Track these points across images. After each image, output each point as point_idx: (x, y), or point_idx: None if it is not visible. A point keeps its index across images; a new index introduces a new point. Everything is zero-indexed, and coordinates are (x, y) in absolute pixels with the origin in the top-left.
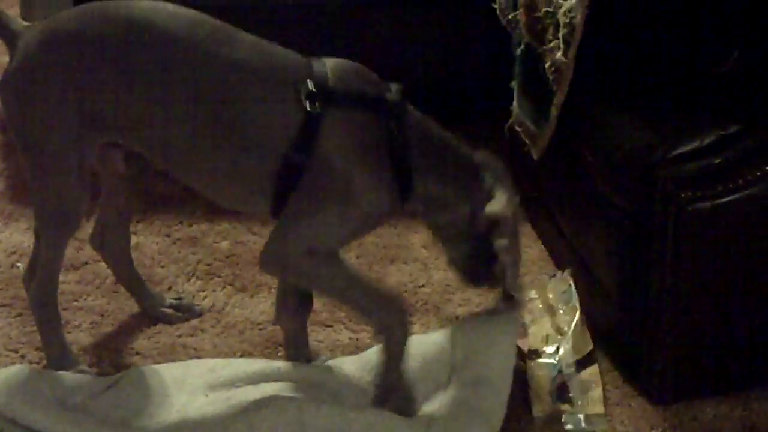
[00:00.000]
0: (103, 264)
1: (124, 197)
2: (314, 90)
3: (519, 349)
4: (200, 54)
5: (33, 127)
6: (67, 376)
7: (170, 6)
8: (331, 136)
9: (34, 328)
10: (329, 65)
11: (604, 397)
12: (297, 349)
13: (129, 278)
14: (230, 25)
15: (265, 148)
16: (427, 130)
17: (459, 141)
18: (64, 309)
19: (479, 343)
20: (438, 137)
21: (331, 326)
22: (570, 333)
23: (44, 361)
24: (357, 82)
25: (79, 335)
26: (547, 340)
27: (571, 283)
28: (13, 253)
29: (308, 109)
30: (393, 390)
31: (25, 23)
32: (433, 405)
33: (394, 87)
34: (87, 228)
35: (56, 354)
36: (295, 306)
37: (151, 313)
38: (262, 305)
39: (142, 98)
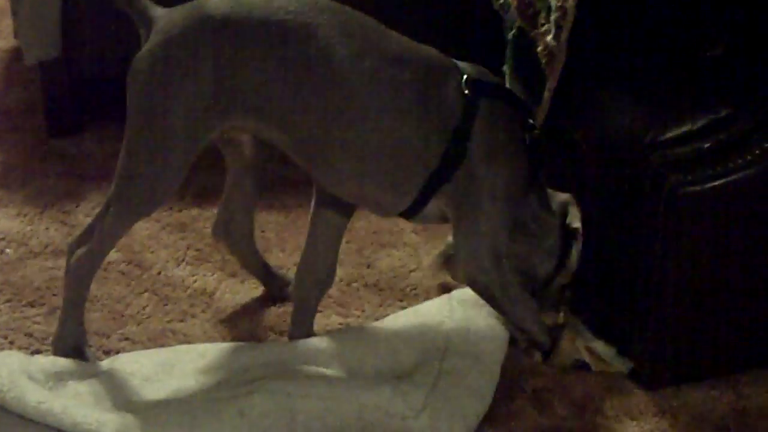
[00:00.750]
0: None
1: (251, 185)
2: (471, 80)
3: None
4: (358, 50)
5: (161, 105)
6: (58, 361)
7: (324, 0)
8: (484, 125)
9: (25, 314)
10: (465, 63)
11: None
12: (302, 325)
13: (256, 265)
14: (378, 22)
15: (426, 139)
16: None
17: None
18: (54, 295)
19: (474, 315)
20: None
21: (321, 311)
22: None
23: (32, 347)
24: (493, 79)
25: None
26: None
27: None
28: (2, 239)
29: (468, 95)
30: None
31: (160, 9)
32: (428, 375)
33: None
34: (76, 214)
35: (72, 330)
36: (317, 278)
37: (277, 296)
38: (253, 291)
39: (295, 88)
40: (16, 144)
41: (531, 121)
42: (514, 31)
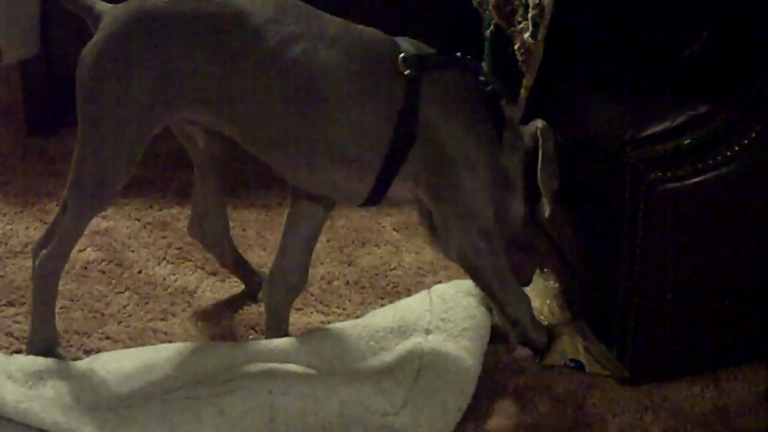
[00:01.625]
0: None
1: (215, 181)
2: (408, 57)
3: None
4: (294, 34)
5: (106, 98)
6: (38, 360)
7: None
8: (432, 100)
9: (4, 313)
10: (403, 40)
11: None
12: (278, 330)
13: (233, 262)
14: (316, 9)
15: (370, 125)
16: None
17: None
18: None
19: (454, 309)
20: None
21: (302, 309)
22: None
23: (13, 346)
24: (433, 50)
25: None
26: None
27: None
28: None
29: (408, 73)
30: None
31: (106, 4)
32: (409, 371)
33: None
34: (54, 212)
35: (43, 330)
36: (289, 283)
37: (257, 294)
38: (234, 289)
39: (233, 76)
40: None
41: (483, 78)
42: (491, 28)
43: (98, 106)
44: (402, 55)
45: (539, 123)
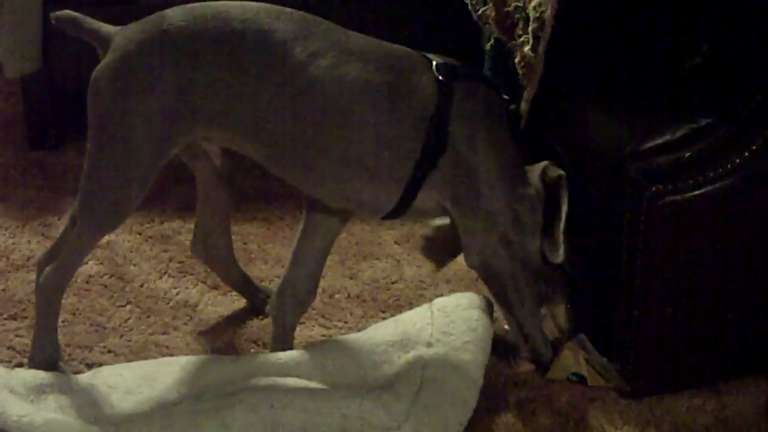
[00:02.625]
0: None
1: (221, 199)
2: (440, 64)
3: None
4: (320, 52)
5: (121, 119)
6: (39, 374)
7: (277, 6)
8: (460, 108)
9: (6, 327)
10: (429, 55)
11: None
12: (284, 343)
13: (237, 279)
14: (339, 26)
15: (400, 134)
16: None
17: None
18: None
19: (455, 322)
20: None
21: (304, 323)
22: None
23: (15, 360)
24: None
25: None
26: None
27: None
28: None
29: (441, 80)
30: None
31: (113, 27)
32: (411, 385)
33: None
34: (58, 227)
35: (46, 345)
36: (299, 296)
37: (260, 308)
38: (236, 303)
39: (258, 94)
40: None
41: (506, 96)
42: (491, 42)
43: (114, 127)
44: (435, 63)
45: (551, 169)
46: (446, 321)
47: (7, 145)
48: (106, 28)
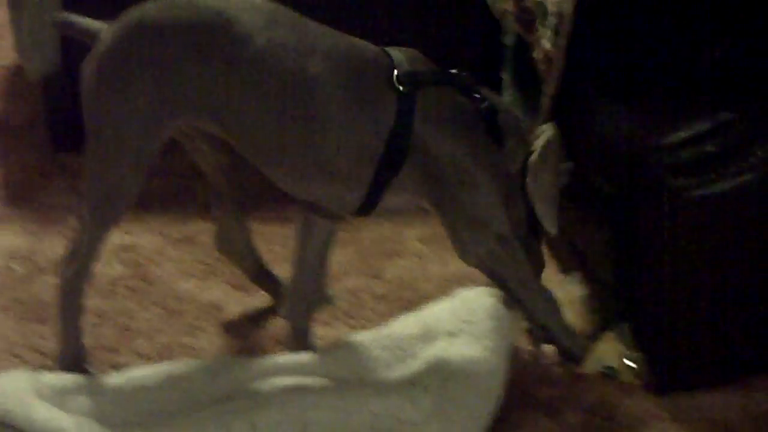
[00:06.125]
0: (99, 265)
1: (230, 192)
2: (403, 73)
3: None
4: (285, 44)
5: (108, 110)
6: (66, 377)
7: None
8: (427, 116)
9: (33, 330)
10: (399, 52)
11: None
12: (300, 344)
13: (260, 275)
14: (309, 18)
15: (360, 139)
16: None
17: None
18: None
19: (478, 312)
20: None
21: (329, 323)
22: None
23: (42, 363)
24: (428, 65)
25: None
26: None
27: None
28: (9, 255)
29: (402, 90)
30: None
31: (102, 23)
32: (436, 378)
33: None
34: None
35: (71, 346)
36: (307, 296)
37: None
38: (261, 302)
39: (226, 82)
40: (20, 160)
41: (477, 95)
42: (512, 38)
43: (100, 118)
44: (396, 72)
45: (546, 128)
46: (468, 310)
47: (30, 147)
48: (96, 24)
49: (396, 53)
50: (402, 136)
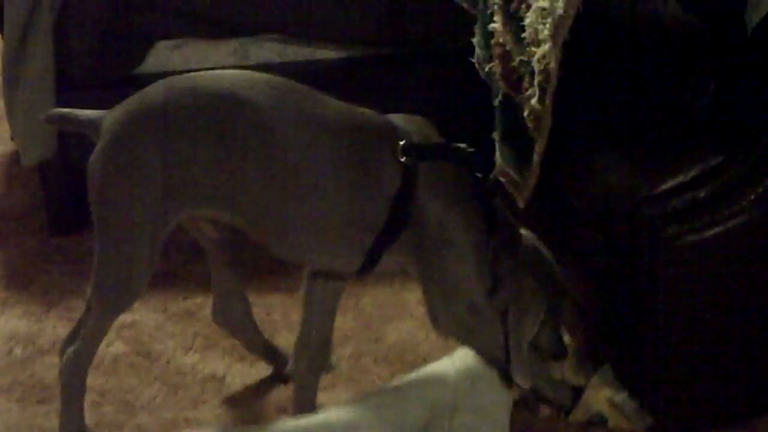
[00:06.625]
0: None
1: (230, 265)
2: (407, 145)
3: None
4: (288, 120)
5: (117, 202)
6: None
7: (256, 75)
8: (427, 186)
9: (35, 412)
10: (406, 121)
11: None
12: (305, 406)
13: (259, 345)
14: (314, 90)
15: (367, 206)
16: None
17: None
18: None
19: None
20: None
21: (332, 388)
22: None
23: None
24: (435, 136)
25: None
26: None
27: None
28: (10, 338)
29: (405, 162)
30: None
31: (101, 112)
32: None
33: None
34: (82, 311)
35: (73, 425)
36: (313, 355)
37: (286, 375)
38: (262, 373)
39: (234, 168)
40: (19, 245)
41: (479, 174)
42: (500, 97)
43: (111, 211)
44: (402, 143)
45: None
46: (467, 368)
47: (29, 232)
48: (94, 114)
49: (403, 123)
50: (405, 205)
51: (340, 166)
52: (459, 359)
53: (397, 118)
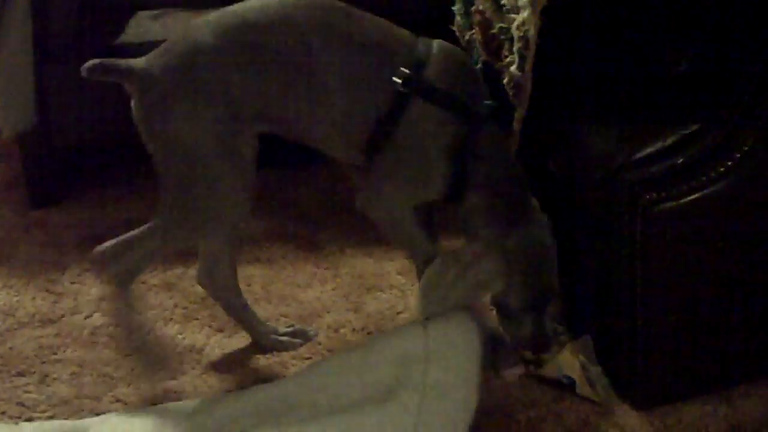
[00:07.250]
0: (79, 316)
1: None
2: (409, 75)
3: None
4: (320, 35)
5: (188, 140)
6: (43, 425)
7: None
8: (413, 119)
9: (15, 383)
10: (435, 50)
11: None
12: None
13: (240, 312)
14: (346, 4)
15: (362, 115)
16: (493, 153)
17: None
18: (44, 363)
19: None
20: (501, 164)
21: (310, 358)
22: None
23: (24, 416)
24: (451, 78)
25: (59, 387)
26: None
27: None
28: None
29: (400, 89)
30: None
31: (138, 59)
32: (414, 392)
33: (487, 102)
34: (62, 283)
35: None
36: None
37: (265, 345)
38: (242, 343)
39: (278, 86)
40: None
41: (469, 131)
42: (479, 65)
43: (185, 148)
44: (405, 72)
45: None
46: (441, 337)
47: (9, 204)
48: (132, 62)
49: (427, 50)
50: (388, 125)
51: (348, 78)
52: (434, 330)
53: (429, 44)
